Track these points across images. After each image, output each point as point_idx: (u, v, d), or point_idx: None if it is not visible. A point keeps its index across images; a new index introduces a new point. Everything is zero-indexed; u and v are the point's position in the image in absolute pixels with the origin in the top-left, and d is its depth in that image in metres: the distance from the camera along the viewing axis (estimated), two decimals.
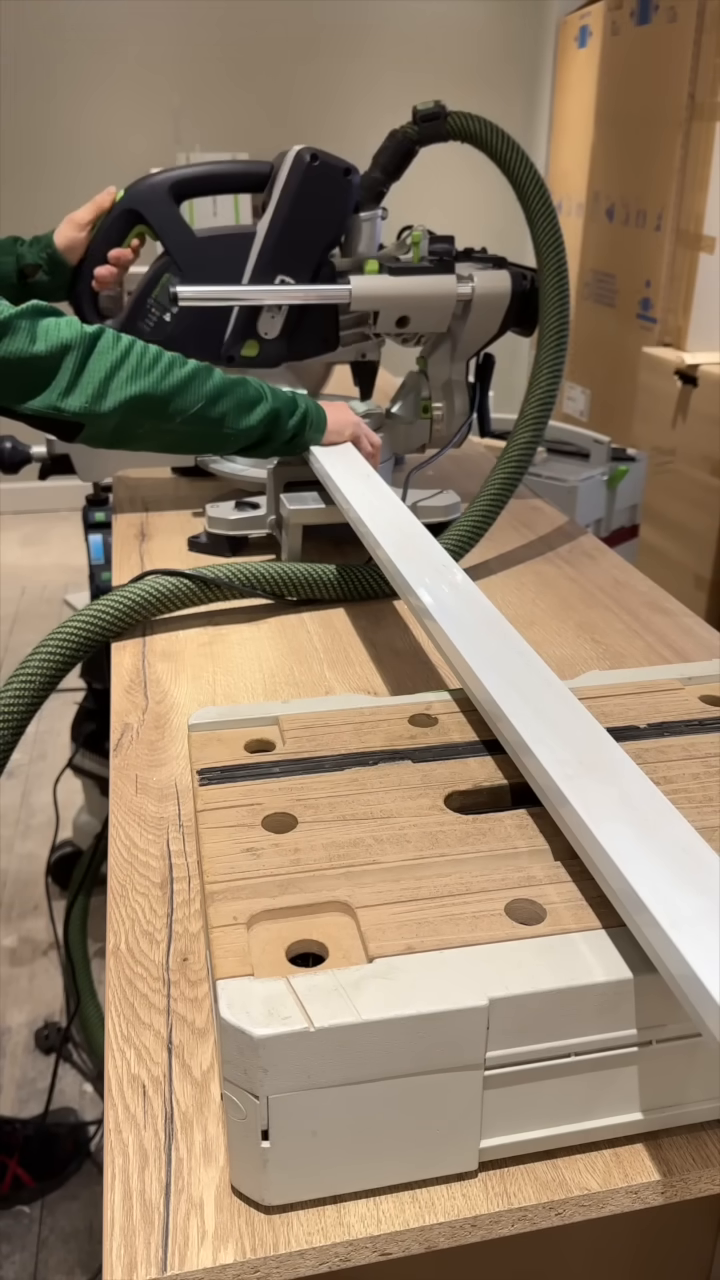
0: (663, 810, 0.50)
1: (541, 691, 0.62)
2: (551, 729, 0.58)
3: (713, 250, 2.47)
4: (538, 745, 0.56)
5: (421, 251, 1.15)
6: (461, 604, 0.75)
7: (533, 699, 0.61)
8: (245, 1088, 0.43)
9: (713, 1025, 0.38)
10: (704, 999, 0.39)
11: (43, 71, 3.49)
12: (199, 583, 0.95)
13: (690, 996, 0.40)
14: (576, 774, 0.53)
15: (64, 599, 3.19)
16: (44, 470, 1.29)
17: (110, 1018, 0.55)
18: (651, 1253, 0.67)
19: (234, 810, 0.56)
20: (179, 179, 1.14)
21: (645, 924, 0.44)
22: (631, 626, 0.99)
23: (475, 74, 3.71)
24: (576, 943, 0.46)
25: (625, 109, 2.82)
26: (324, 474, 1.03)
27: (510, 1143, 0.46)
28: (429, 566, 0.82)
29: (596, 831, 0.48)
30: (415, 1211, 0.45)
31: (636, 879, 0.45)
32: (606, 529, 1.88)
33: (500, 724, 0.61)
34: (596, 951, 0.45)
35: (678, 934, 0.41)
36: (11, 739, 0.78)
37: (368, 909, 0.48)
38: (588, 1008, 0.44)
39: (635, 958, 0.45)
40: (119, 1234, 0.44)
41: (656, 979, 0.43)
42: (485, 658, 0.66)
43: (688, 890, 0.44)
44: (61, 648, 0.84)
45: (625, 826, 0.49)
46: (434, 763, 0.60)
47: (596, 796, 0.51)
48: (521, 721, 0.59)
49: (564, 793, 0.52)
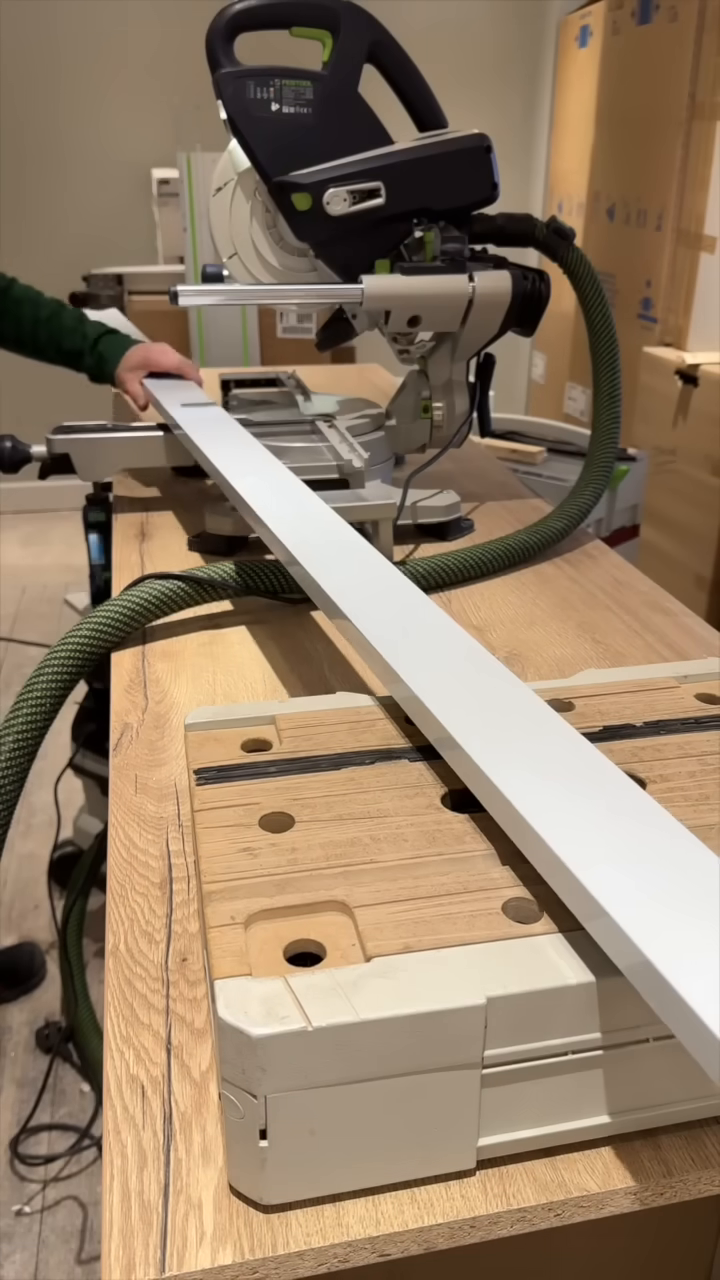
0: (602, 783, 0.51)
1: (465, 682, 0.61)
2: (480, 724, 0.57)
3: (713, 250, 2.47)
4: (467, 743, 0.56)
5: (434, 250, 1.15)
6: (377, 595, 0.74)
7: (453, 690, 0.60)
8: (243, 1087, 0.42)
9: (677, 1027, 0.38)
10: (666, 993, 0.38)
11: (43, 71, 3.49)
12: (196, 585, 0.95)
13: (646, 992, 0.40)
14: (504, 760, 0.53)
15: (64, 599, 3.19)
16: (44, 470, 1.29)
17: (109, 1018, 0.55)
18: (651, 1253, 0.67)
19: (231, 810, 0.56)
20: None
21: (590, 919, 0.44)
22: (632, 626, 0.99)
23: (476, 73, 3.71)
24: (573, 940, 0.46)
25: (626, 109, 2.82)
26: (200, 456, 1.06)
27: (508, 1141, 0.46)
28: (340, 555, 0.81)
29: (534, 821, 0.48)
30: (414, 1212, 0.45)
31: (590, 882, 0.44)
32: (607, 529, 1.88)
33: (425, 723, 0.61)
34: (593, 949, 0.45)
35: (624, 920, 0.42)
36: (27, 763, 0.78)
37: (365, 908, 0.48)
38: (585, 1006, 0.44)
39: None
40: (117, 1235, 0.44)
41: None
42: (405, 652, 0.66)
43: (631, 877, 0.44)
44: (67, 664, 0.83)
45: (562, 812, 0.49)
46: (431, 761, 0.60)
47: (529, 789, 0.51)
48: (447, 717, 0.58)
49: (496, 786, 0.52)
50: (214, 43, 1.11)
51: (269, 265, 1.20)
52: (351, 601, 0.73)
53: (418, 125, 1.20)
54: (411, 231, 1.16)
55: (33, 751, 0.78)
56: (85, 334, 1.36)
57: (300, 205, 1.11)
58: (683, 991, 0.38)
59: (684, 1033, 0.38)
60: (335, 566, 0.79)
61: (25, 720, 0.78)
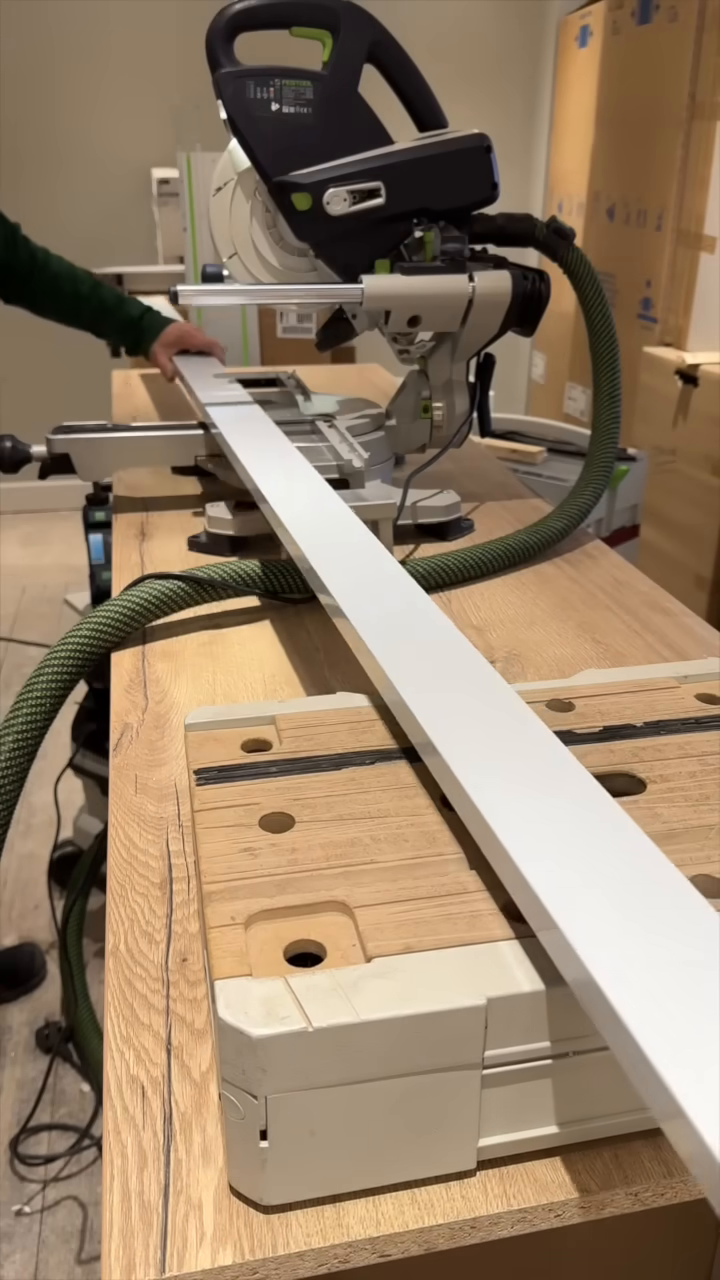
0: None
1: (461, 689, 0.61)
2: (465, 732, 0.57)
3: (713, 250, 2.47)
4: (445, 749, 0.55)
5: (434, 250, 1.15)
6: (377, 597, 0.74)
7: (446, 699, 0.60)
8: (243, 1088, 0.42)
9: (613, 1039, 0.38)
10: (603, 1009, 0.38)
11: (43, 71, 3.49)
12: (196, 585, 0.95)
13: (590, 1006, 0.40)
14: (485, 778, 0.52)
15: (64, 599, 3.19)
16: (44, 470, 1.29)
17: (109, 1018, 0.55)
18: (650, 1254, 0.67)
19: (231, 810, 0.56)
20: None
21: (543, 930, 0.44)
22: (632, 626, 0.99)
23: (476, 73, 3.71)
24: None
25: (626, 109, 2.82)
26: (232, 455, 1.06)
27: (509, 1141, 0.46)
28: (349, 553, 0.81)
29: (499, 829, 0.48)
30: (414, 1213, 0.45)
31: (540, 887, 0.44)
32: (607, 529, 1.88)
33: (408, 726, 0.60)
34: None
35: (577, 941, 0.41)
36: (27, 764, 0.78)
37: (365, 908, 0.48)
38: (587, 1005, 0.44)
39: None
40: (118, 1235, 0.44)
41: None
42: (400, 656, 0.65)
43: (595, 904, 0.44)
44: (66, 664, 0.83)
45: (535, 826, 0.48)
46: None
47: (508, 803, 0.50)
48: (430, 723, 0.57)
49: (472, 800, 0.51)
50: (214, 43, 1.11)
51: (269, 265, 1.20)
52: (351, 602, 0.73)
53: (418, 125, 1.20)
54: (411, 231, 1.16)
55: (33, 751, 0.78)
56: (128, 311, 1.51)
57: (300, 205, 1.11)
58: (620, 1011, 0.37)
59: (620, 1051, 0.38)
60: (340, 565, 0.79)
61: (25, 720, 0.78)
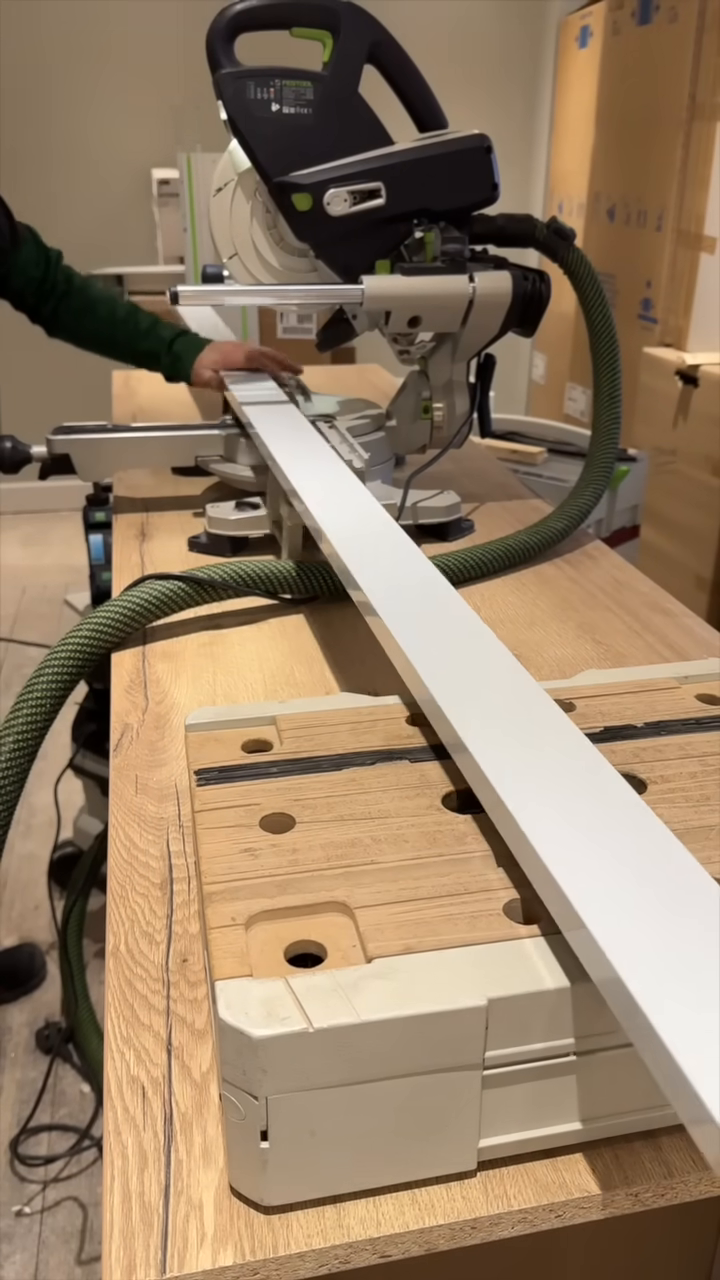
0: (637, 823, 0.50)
1: (492, 688, 0.61)
2: (496, 732, 0.57)
3: (713, 250, 2.47)
4: (476, 748, 0.55)
5: (434, 251, 1.15)
6: (415, 598, 0.74)
7: (477, 697, 0.60)
8: (244, 1088, 0.42)
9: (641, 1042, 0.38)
10: (631, 1011, 0.38)
11: (43, 71, 3.49)
12: (196, 585, 0.95)
13: (617, 1008, 0.40)
14: (513, 777, 0.52)
15: (64, 599, 3.19)
16: (44, 470, 1.28)
17: (110, 1019, 0.55)
18: (651, 1254, 0.67)
19: (232, 810, 0.56)
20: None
21: (572, 929, 0.44)
22: (632, 627, 0.99)
23: (476, 74, 3.71)
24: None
25: (626, 109, 2.82)
26: (266, 452, 1.05)
27: (509, 1142, 0.46)
28: (384, 553, 0.81)
29: (535, 840, 0.48)
30: (415, 1213, 0.45)
31: (572, 892, 0.44)
32: (607, 529, 1.88)
33: (439, 725, 0.60)
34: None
35: (608, 944, 0.41)
36: (27, 764, 0.78)
37: (366, 909, 0.48)
38: (586, 1006, 0.44)
39: None
40: (118, 1236, 0.44)
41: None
42: (431, 655, 0.66)
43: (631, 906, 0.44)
44: (67, 665, 0.83)
45: (564, 833, 0.48)
46: (431, 762, 0.60)
47: (534, 805, 0.50)
48: (461, 722, 0.58)
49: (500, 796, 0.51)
50: (214, 43, 1.11)
51: (269, 265, 1.20)
52: (383, 599, 0.74)
53: (418, 126, 1.20)
54: (412, 232, 1.16)
55: (33, 752, 0.78)
56: (161, 336, 1.42)
57: (301, 206, 1.11)
58: (649, 1013, 0.37)
59: (647, 1053, 0.38)
60: (373, 562, 0.80)
61: (25, 720, 0.78)
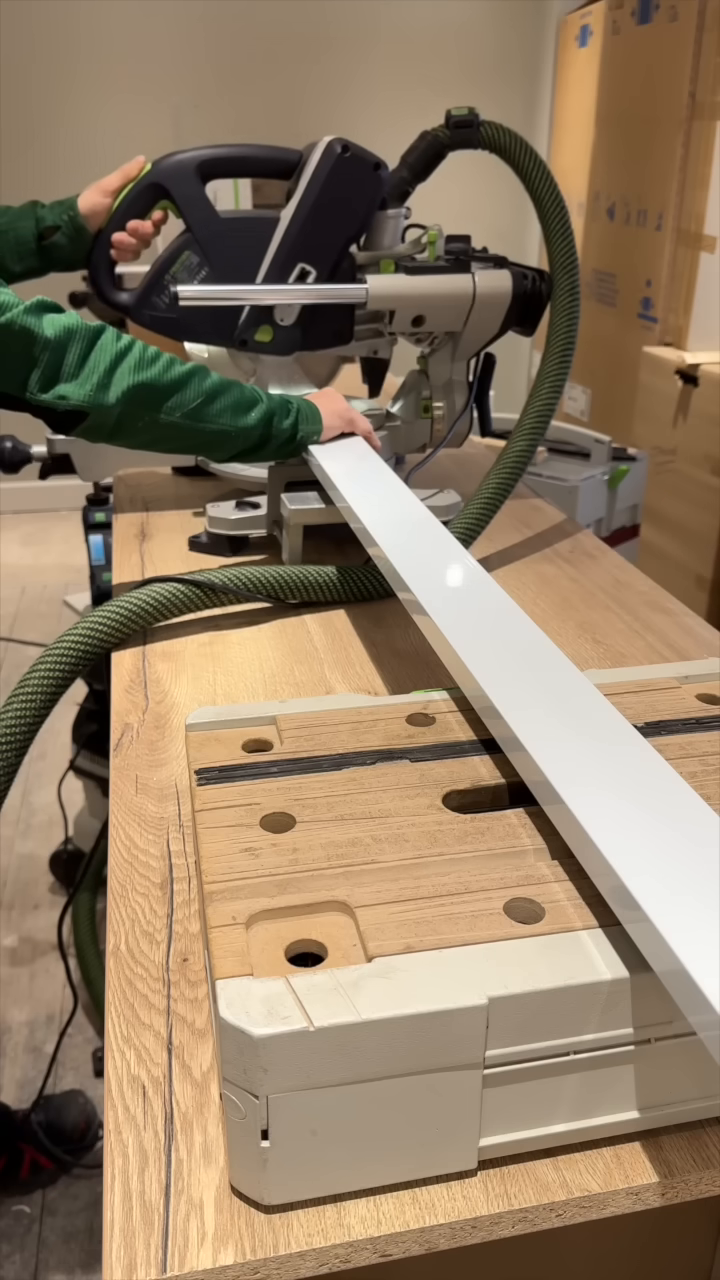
0: (681, 804, 0.51)
1: (547, 685, 0.62)
2: (552, 723, 0.58)
3: (714, 249, 2.47)
4: (531, 741, 0.56)
5: (437, 250, 1.15)
6: (464, 594, 0.75)
7: (535, 692, 0.61)
8: (245, 1087, 0.42)
9: (701, 1024, 0.38)
10: (696, 998, 0.39)
11: (43, 71, 3.49)
12: (198, 588, 0.95)
13: (679, 996, 0.40)
14: (574, 772, 0.53)
15: (64, 599, 3.19)
16: (44, 470, 1.29)
17: (110, 1018, 0.55)
18: (652, 1254, 0.67)
19: (232, 810, 0.56)
20: (207, 159, 1.14)
21: (633, 921, 0.44)
22: (632, 626, 0.99)
23: (476, 73, 3.70)
24: (575, 941, 0.46)
25: (626, 108, 2.82)
26: (316, 464, 1.04)
27: (509, 1141, 0.46)
28: (432, 555, 0.82)
29: (590, 831, 0.48)
30: (415, 1213, 0.45)
31: (629, 878, 0.45)
32: (607, 528, 1.88)
33: (490, 718, 0.61)
34: (595, 950, 0.45)
35: (671, 933, 0.41)
36: (15, 759, 0.78)
37: (366, 908, 0.48)
38: (586, 1006, 0.44)
39: (633, 956, 0.44)
40: (119, 1235, 0.44)
41: (654, 978, 0.43)
42: (481, 650, 0.67)
43: (684, 891, 0.44)
44: (60, 663, 0.83)
45: (622, 823, 0.49)
46: (432, 762, 0.60)
47: (594, 795, 0.51)
48: (513, 714, 0.59)
49: (557, 791, 0.52)
50: (98, 281, 1.16)
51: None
52: (434, 600, 0.75)
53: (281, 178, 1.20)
54: (355, 262, 1.16)
55: (22, 747, 0.78)
56: (39, 216, 1.17)
57: (264, 337, 1.14)
58: (717, 1005, 0.38)
59: (713, 1043, 0.38)
60: (422, 563, 0.82)
61: (15, 715, 0.78)
